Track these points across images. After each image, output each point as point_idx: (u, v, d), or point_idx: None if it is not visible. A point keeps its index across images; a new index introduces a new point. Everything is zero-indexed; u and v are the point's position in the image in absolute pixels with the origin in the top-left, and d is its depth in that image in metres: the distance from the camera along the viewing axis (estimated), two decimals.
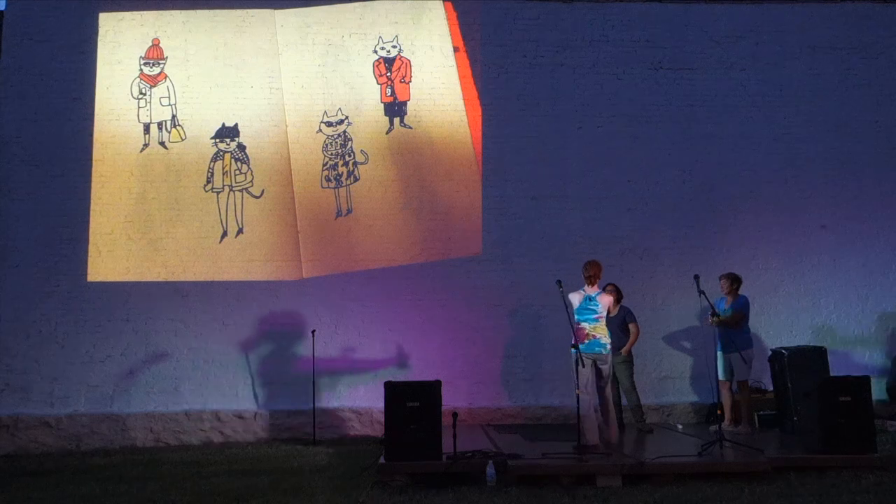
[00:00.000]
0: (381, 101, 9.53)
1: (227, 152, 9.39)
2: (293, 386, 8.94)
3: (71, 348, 8.95)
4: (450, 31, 9.62)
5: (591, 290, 7.24)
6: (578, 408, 6.74)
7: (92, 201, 9.19)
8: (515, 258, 9.25)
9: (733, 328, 7.89)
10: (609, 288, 8.18)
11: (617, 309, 8.27)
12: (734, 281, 8.20)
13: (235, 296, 9.11)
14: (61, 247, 9.10)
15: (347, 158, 9.42)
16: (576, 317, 7.17)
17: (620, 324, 8.24)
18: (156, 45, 9.53)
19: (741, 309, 8.03)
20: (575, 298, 7.24)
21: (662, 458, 6.49)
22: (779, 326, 9.27)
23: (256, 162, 9.37)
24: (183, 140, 9.39)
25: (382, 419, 6.92)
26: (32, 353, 8.92)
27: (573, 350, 6.85)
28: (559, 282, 7.57)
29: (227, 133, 9.41)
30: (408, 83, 9.55)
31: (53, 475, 7.24)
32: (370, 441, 8.48)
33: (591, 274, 7.27)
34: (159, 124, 9.40)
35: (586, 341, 7.07)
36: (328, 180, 9.38)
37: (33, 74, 9.34)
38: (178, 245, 9.20)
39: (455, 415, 6.56)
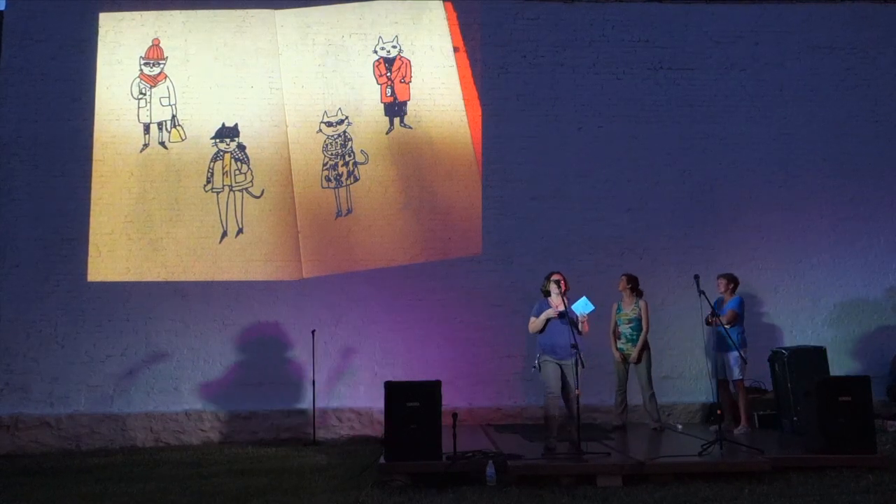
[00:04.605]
0: (381, 101, 9.53)
1: (227, 152, 9.39)
2: (293, 386, 8.95)
3: (71, 348, 8.95)
4: (450, 31, 9.62)
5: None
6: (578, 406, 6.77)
7: (92, 201, 9.19)
8: (515, 258, 9.26)
9: (728, 327, 7.91)
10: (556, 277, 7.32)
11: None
12: (731, 281, 8.25)
13: (235, 296, 9.11)
14: (61, 247, 9.10)
15: (347, 158, 9.42)
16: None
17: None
18: (156, 45, 9.53)
19: (736, 308, 8.07)
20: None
21: (662, 458, 6.51)
22: (779, 326, 9.27)
23: (256, 162, 9.37)
24: (183, 140, 9.39)
25: (382, 419, 6.91)
26: (32, 353, 8.91)
27: (574, 350, 6.78)
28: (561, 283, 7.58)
29: (227, 133, 9.41)
30: (408, 83, 9.56)
31: (53, 475, 7.24)
32: (370, 441, 8.48)
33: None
34: (159, 124, 9.40)
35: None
36: (328, 180, 9.38)
37: (33, 74, 9.33)
38: (178, 245, 9.20)
39: (455, 415, 6.56)
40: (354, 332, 9.11)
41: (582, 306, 6.92)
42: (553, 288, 7.11)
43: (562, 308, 7.04)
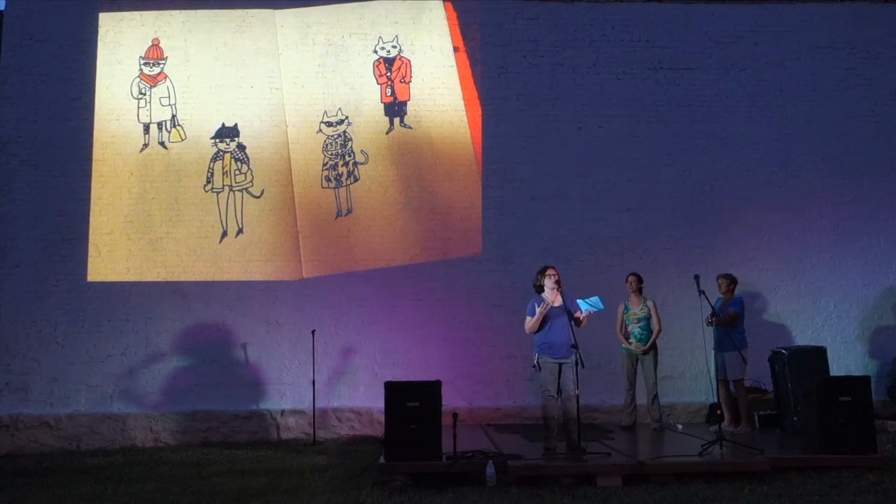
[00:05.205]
0: (381, 101, 9.53)
1: (227, 152, 9.39)
2: (293, 386, 8.95)
3: (71, 348, 8.95)
4: (450, 31, 9.62)
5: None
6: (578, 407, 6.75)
7: (92, 201, 9.19)
8: (515, 258, 9.25)
9: (729, 327, 7.91)
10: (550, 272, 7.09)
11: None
12: (732, 281, 8.27)
13: (235, 296, 9.11)
14: (61, 247, 9.10)
15: (347, 158, 9.42)
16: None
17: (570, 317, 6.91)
18: (156, 45, 9.52)
19: (737, 308, 8.09)
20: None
21: (662, 458, 6.50)
22: (779, 326, 9.27)
23: (256, 162, 9.37)
24: (183, 140, 9.39)
25: (382, 419, 6.91)
26: (32, 353, 8.92)
27: (574, 350, 6.75)
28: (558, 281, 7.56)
29: (227, 133, 9.41)
30: (408, 83, 9.55)
31: (53, 475, 7.24)
32: (370, 441, 8.48)
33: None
34: (159, 124, 9.40)
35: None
36: (328, 180, 9.38)
37: (33, 74, 9.34)
38: (178, 245, 9.20)
39: (455, 415, 6.55)
40: (354, 332, 9.11)
41: (591, 304, 6.78)
42: (548, 282, 6.96)
43: (558, 302, 6.92)
